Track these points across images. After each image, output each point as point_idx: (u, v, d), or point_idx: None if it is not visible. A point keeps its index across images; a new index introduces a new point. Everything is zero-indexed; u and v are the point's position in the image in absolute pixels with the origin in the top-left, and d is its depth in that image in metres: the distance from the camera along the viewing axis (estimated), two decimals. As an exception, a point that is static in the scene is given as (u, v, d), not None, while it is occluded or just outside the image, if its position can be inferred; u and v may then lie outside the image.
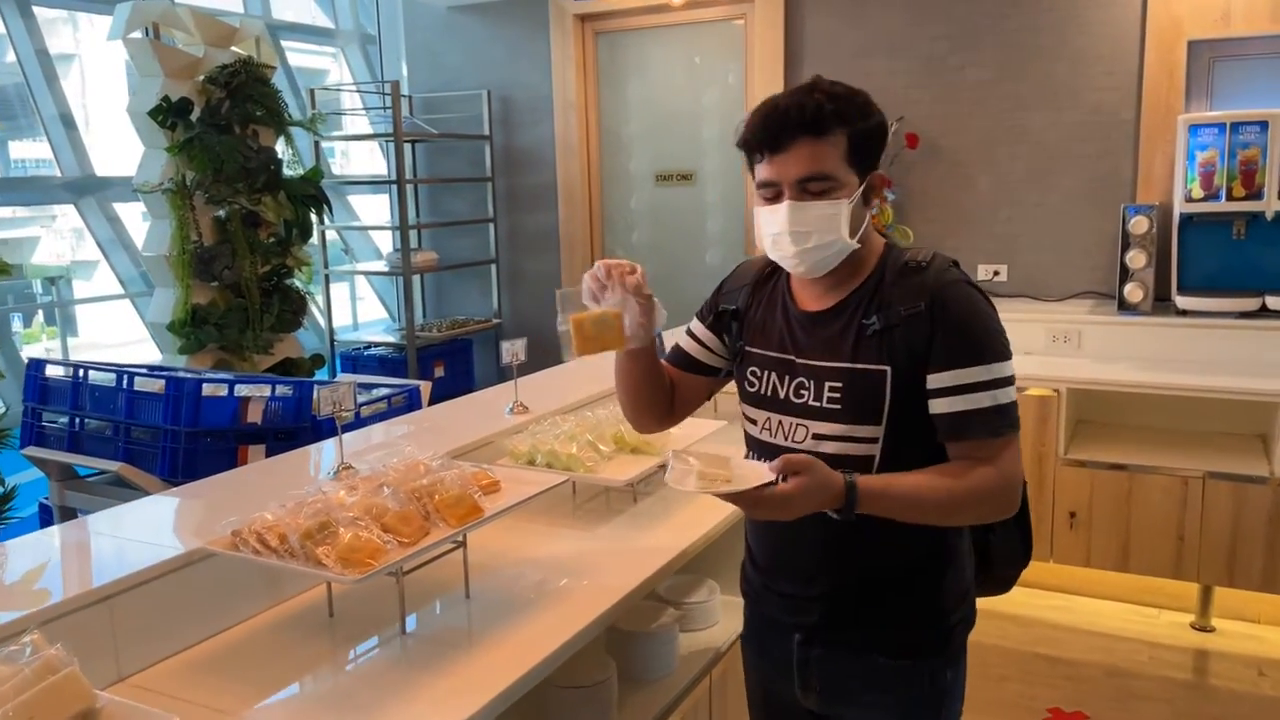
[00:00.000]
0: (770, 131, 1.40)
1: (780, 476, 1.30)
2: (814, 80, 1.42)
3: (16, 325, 5.26)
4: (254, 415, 2.51)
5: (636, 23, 5.09)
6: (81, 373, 2.84)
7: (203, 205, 4.27)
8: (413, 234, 5.62)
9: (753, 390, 1.55)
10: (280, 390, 2.61)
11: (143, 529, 1.81)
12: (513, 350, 2.43)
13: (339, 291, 6.43)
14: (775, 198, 1.42)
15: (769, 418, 1.52)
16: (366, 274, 5.83)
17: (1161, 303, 3.84)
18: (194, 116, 4.24)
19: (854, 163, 1.40)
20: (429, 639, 1.64)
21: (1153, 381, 3.42)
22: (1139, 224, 3.71)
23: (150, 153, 4.26)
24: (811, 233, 1.40)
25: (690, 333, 1.70)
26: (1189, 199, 3.61)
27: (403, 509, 1.60)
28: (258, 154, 4.37)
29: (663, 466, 2.20)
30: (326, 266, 5.23)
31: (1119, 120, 4.07)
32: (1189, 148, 3.61)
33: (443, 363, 5.20)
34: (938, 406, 1.39)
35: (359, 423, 2.71)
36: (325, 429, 2.63)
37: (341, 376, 3.86)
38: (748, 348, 1.57)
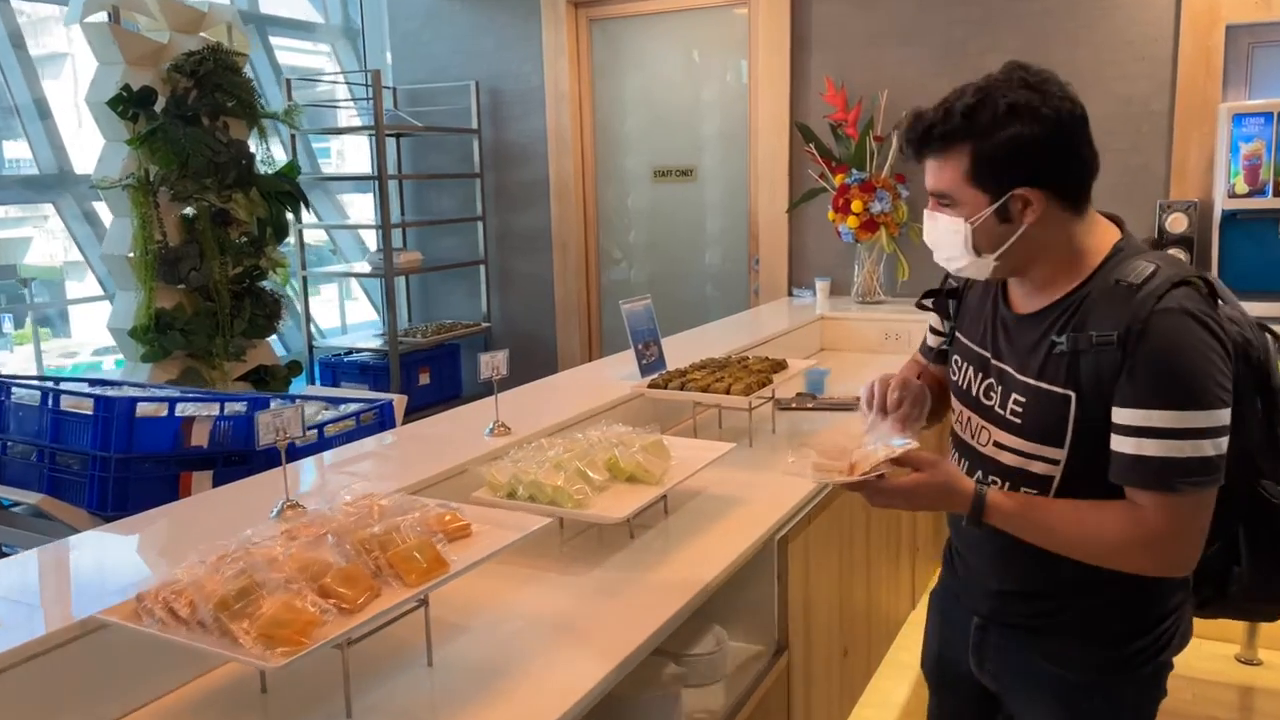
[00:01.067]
0: (908, 144, 1.40)
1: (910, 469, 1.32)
2: (978, 84, 1.33)
3: (8, 327, 5.01)
4: (199, 438, 2.22)
5: (633, 9, 4.80)
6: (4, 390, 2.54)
7: (168, 202, 3.98)
8: (397, 233, 5.34)
9: (954, 380, 1.53)
10: (231, 408, 2.32)
11: (25, 590, 1.51)
12: (493, 363, 2.15)
13: (332, 294, 6.15)
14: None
15: (963, 411, 1.49)
16: (346, 276, 5.53)
17: (1200, 307, 3.57)
18: (158, 107, 3.95)
19: (979, 180, 1.32)
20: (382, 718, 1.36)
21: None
22: (1177, 221, 3.43)
23: (110, 146, 3.97)
24: (937, 244, 1.41)
25: (931, 325, 1.67)
26: (1232, 194, 3.34)
27: (348, 565, 1.32)
28: (227, 147, 4.08)
29: (658, 501, 1.95)
30: (305, 268, 4.93)
31: (1150, 111, 3.79)
32: (1232, 139, 3.34)
33: (428, 369, 4.91)
34: (1115, 443, 1.27)
35: (322, 443, 2.42)
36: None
37: (309, 389, 3.57)
38: (958, 333, 1.54)
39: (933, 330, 1.67)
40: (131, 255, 3.93)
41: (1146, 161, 3.81)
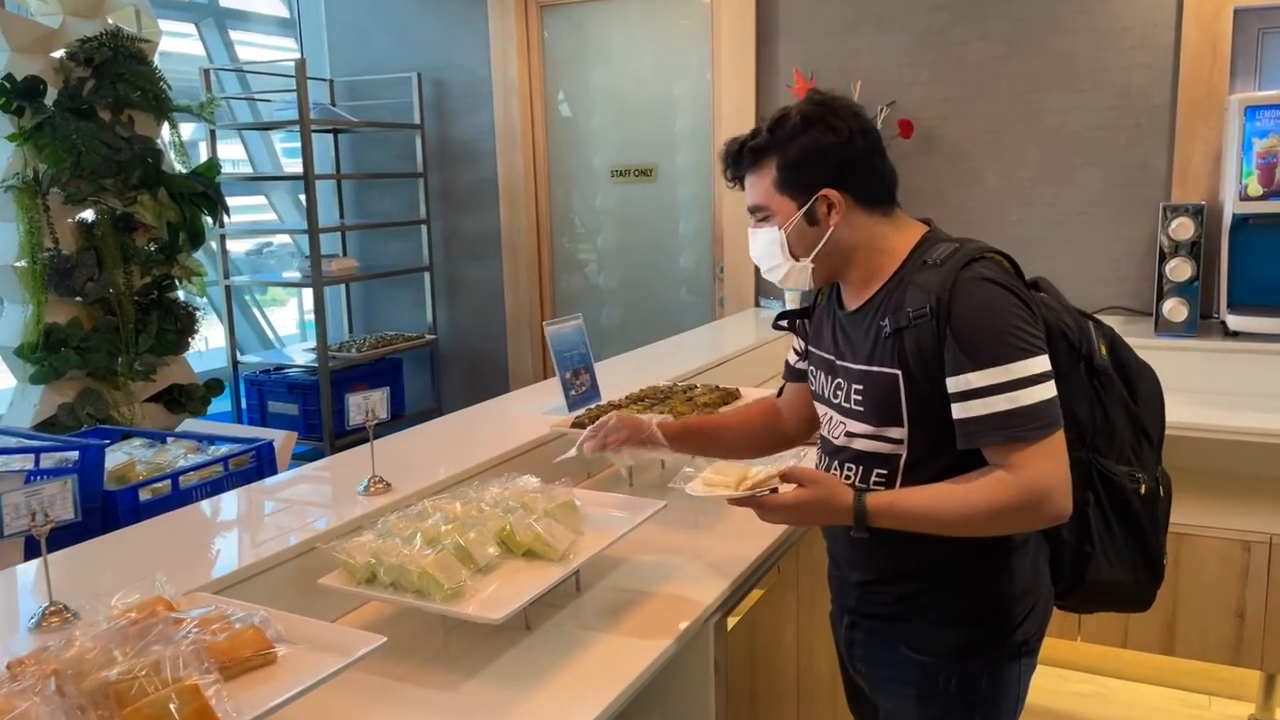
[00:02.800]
0: (729, 169, 1.53)
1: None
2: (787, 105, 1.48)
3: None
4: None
5: (587, -6, 4.41)
6: None
7: (60, 205, 3.56)
8: (334, 238, 4.93)
9: (813, 388, 1.61)
10: (48, 461, 1.91)
11: None
12: (366, 405, 1.75)
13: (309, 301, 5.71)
14: None
15: (824, 412, 1.57)
16: (268, 285, 5.11)
17: (1207, 320, 3.21)
18: (49, 100, 3.53)
19: (786, 188, 1.45)
20: None
21: (1198, 421, 2.76)
22: (1182, 227, 3.06)
23: (-7, 142, 3.55)
24: (760, 257, 1.53)
25: (793, 345, 1.75)
26: (1244, 196, 2.97)
27: (60, 733, 0.92)
28: (130, 144, 3.66)
29: (568, 579, 1.58)
30: (227, 276, 4.51)
31: (1151, 104, 3.42)
32: (1244, 134, 2.96)
33: (364, 386, 4.48)
34: (956, 412, 1.34)
35: (177, 497, 2.02)
36: (124, 509, 1.94)
37: (190, 425, 3.16)
38: (810, 347, 1.63)
39: (795, 352, 1.73)
40: (18, 265, 3.51)
41: (1146, 159, 3.44)
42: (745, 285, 4.22)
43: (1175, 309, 3.08)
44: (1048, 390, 1.31)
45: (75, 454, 1.90)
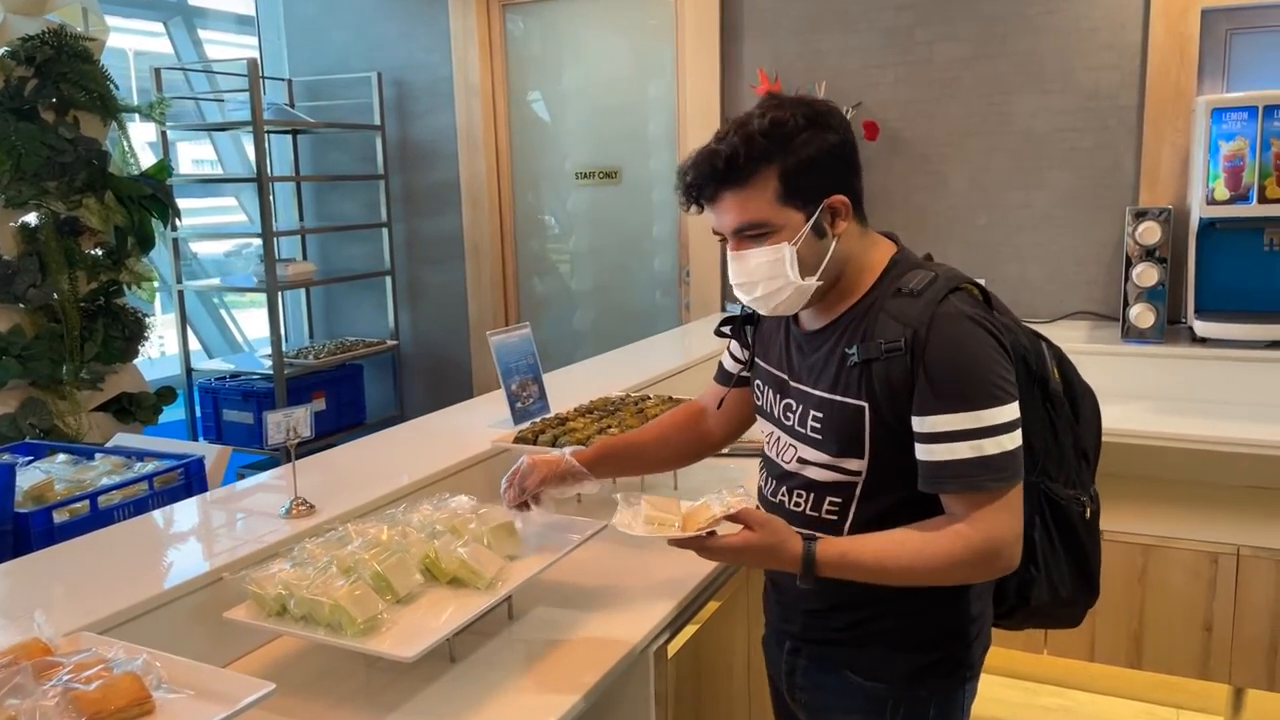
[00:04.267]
0: (695, 187, 1.34)
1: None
2: (749, 111, 1.33)
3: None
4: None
5: (550, -7, 4.32)
6: None
7: (0, 209, 3.44)
8: (293, 241, 4.82)
9: (759, 404, 1.54)
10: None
11: None
12: (287, 424, 1.66)
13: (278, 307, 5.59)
14: (724, 241, 1.38)
15: (771, 431, 1.49)
16: (223, 290, 4.99)
17: (1175, 326, 3.15)
18: (-13, 100, 3.41)
19: (791, 199, 1.30)
20: None
21: (1165, 430, 2.71)
22: (1149, 231, 3.00)
23: (-71, 144, 3.43)
24: (757, 282, 1.35)
25: (729, 349, 1.66)
26: (1211, 200, 2.91)
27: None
28: (74, 146, 3.55)
29: (499, 606, 1.50)
30: (180, 281, 4.40)
31: (1119, 105, 3.37)
32: (1211, 137, 2.91)
33: (323, 393, 4.40)
34: (919, 453, 1.29)
35: (95, 517, 1.92)
36: (36, 531, 1.84)
37: (120, 439, 3.05)
38: (756, 359, 1.55)
39: (733, 357, 1.64)
40: (-45, 270, 3.39)
41: (1115, 162, 3.38)
42: (711, 290, 4.15)
43: (1142, 315, 3.02)
44: (1014, 439, 1.25)
45: (-16, 472, 1.80)
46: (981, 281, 1.36)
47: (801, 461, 1.40)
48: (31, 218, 3.56)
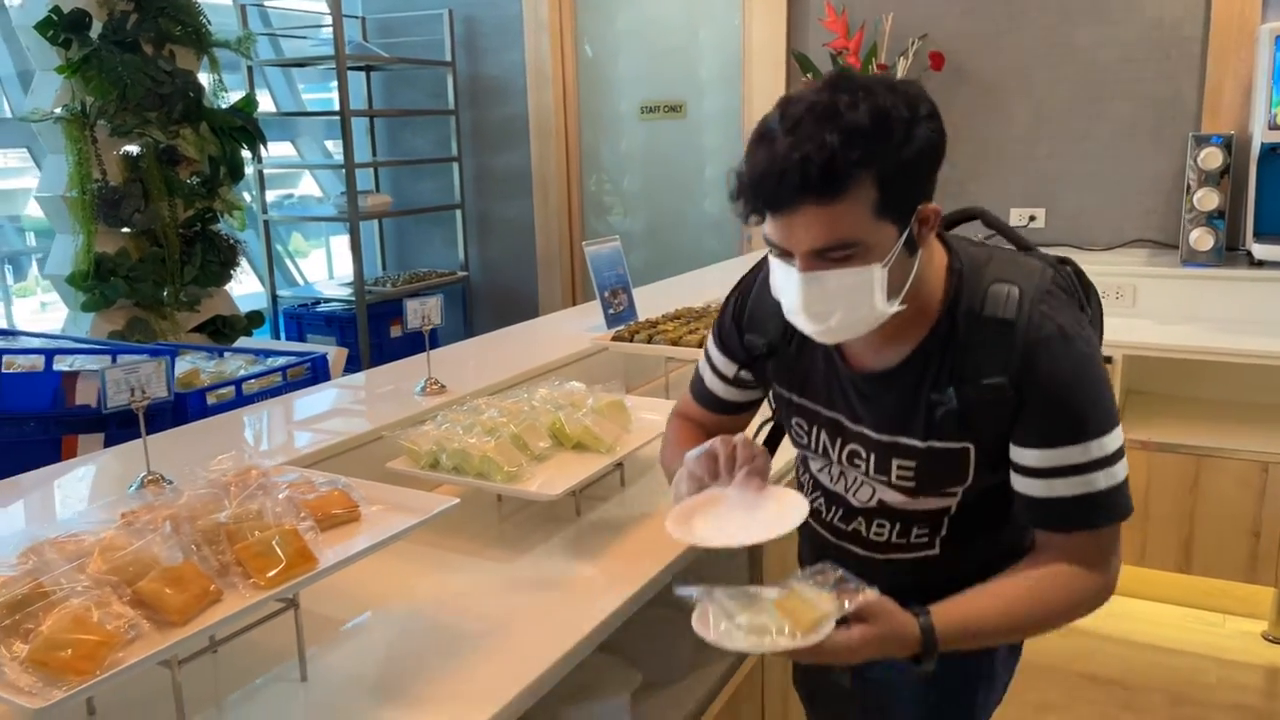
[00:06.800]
0: (766, 194, 1.05)
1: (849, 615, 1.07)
2: (830, 96, 1.03)
3: (10, 280, 4.73)
4: (84, 396, 1.93)
5: (618, -70, 4.42)
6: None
7: (107, 138, 3.65)
8: (367, 175, 5.01)
9: (802, 442, 1.34)
10: (126, 362, 2.02)
11: None
12: (422, 311, 1.85)
13: (343, 242, 5.81)
14: (786, 255, 1.10)
15: (827, 464, 1.32)
16: (305, 220, 5.19)
17: (1233, 252, 3.25)
18: (94, 33, 3.60)
19: (888, 210, 1.05)
20: (234, 754, 1.08)
21: (1222, 346, 2.82)
22: (1211, 156, 3.09)
23: (42, 75, 3.64)
24: (834, 310, 1.10)
25: (716, 369, 1.42)
26: (1273, 125, 2.99)
27: (180, 564, 1.03)
28: (172, 78, 3.74)
29: (619, 465, 1.69)
30: (265, 211, 4.61)
31: (1182, 36, 3.43)
32: (1274, 64, 2.98)
33: (400, 321, 4.61)
34: (1023, 486, 1.16)
35: (240, 401, 2.14)
36: (193, 410, 2.06)
37: (248, 341, 3.27)
38: (789, 395, 1.32)
39: (717, 373, 1.41)
40: (68, 195, 3.62)
41: (1178, 91, 3.45)
42: (773, 221, 4.27)
43: (1201, 238, 3.12)
44: (1123, 469, 1.14)
45: (147, 357, 2.01)
46: (1071, 264, 1.25)
47: (883, 503, 1.27)
48: (134, 147, 3.77)
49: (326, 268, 6.00)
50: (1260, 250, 3.06)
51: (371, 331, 4.38)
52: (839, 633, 1.05)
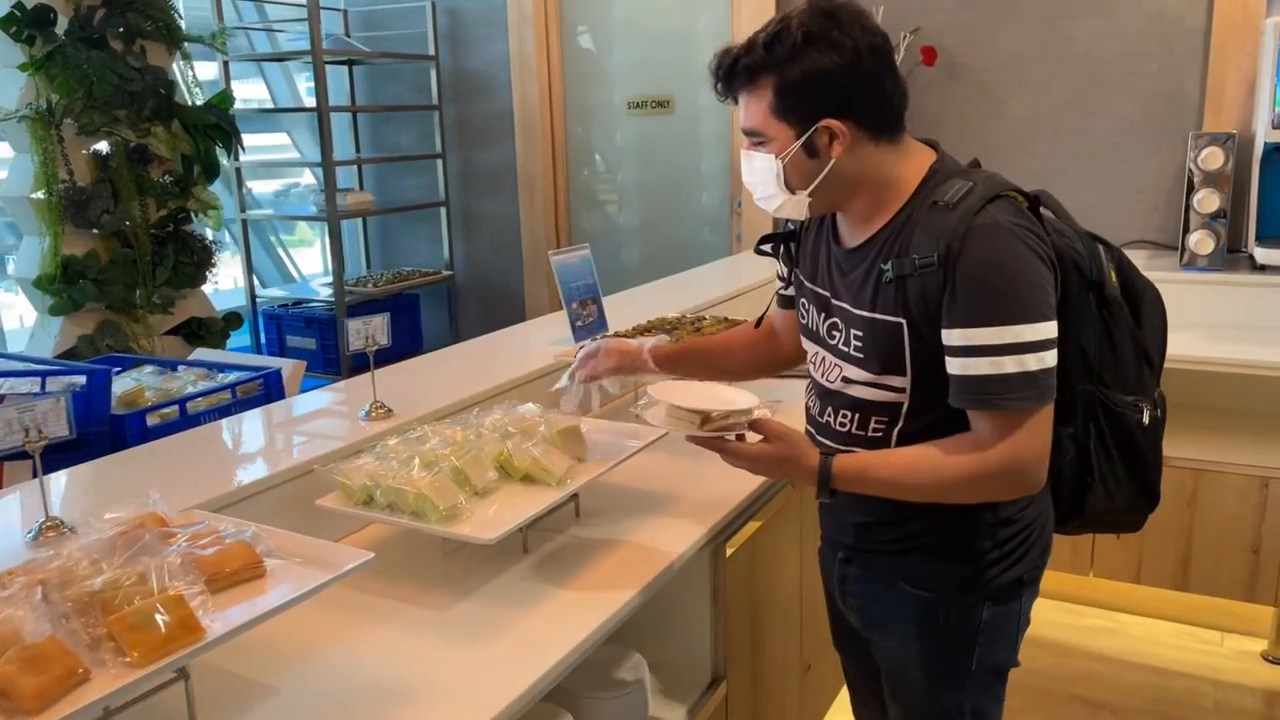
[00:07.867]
0: (719, 83, 1.36)
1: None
2: (787, 13, 1.28)
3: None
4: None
5: (604, -81, 4.29)
6: None
7: (74, 136, 3.55)
8: (349, 172, 4.90)
9: (804, 322, 1.52)
10: (55, 385, 1.92)
11: None
12: (366, 331, 1.74)
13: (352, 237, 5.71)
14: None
15: (816, 351, 1.48)
16: (281, 219, 5.09)
17: (1235, 255, 3.12)
18: (59, 29, 3.50)
19: (783, 113, 1.30)
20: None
21: (1222, 356, 2.71)
22: (1212, 156, 2.96)
23: (5, 72, 3.54)
24: (755, 185, 1.39)
25: (779, 273, 1.64)
26: (1276, 124, 2.87)
27: (44, 640, 0.93)
28: (141, 74, 3.64)
29: (573, 496, 1.59)
30: (244, 210, 4.51)
31: (1184, 29, 3.30)
32: (1278, 61, 2.85)
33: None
34: (949, 366, 1.26)
35: (185, 421, 2.04)
36: (131, 432, 1.96)
37: (200, 353, 3.18)
38: (801, 276, 1.52)
39: (780, 277, 1.64)
40: (35, 196, 3.52)
41: (1179, 88, 3.33)
42: (762, 220, 4.16)
43: (1202, 241, 3.00)
44: (1045, 360, 1.22)
45: (82, 379, 1.91)
46: (1039, 192, 1.32)
47: (846, 380, 1.39)
48: (103, 145, 3.67)
49: (321, 264, 5.91)
50: (1263, 254, 2.94)
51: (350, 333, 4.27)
52: (745, 443, 1.38)
